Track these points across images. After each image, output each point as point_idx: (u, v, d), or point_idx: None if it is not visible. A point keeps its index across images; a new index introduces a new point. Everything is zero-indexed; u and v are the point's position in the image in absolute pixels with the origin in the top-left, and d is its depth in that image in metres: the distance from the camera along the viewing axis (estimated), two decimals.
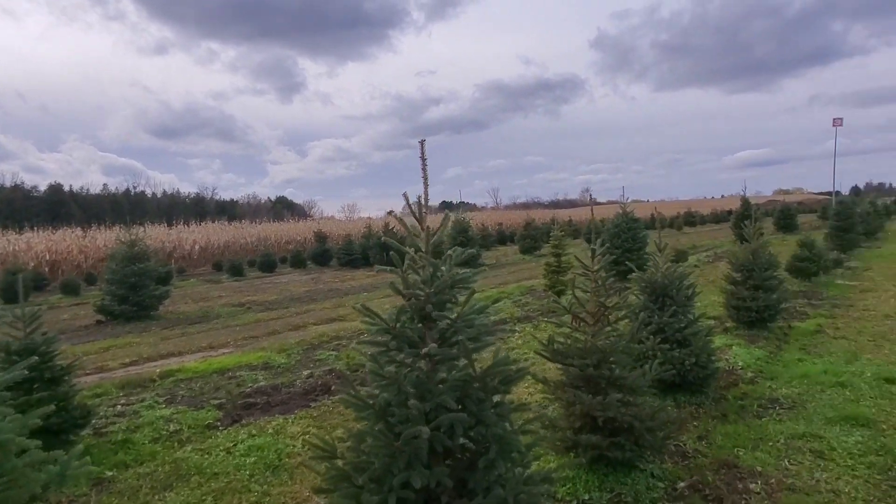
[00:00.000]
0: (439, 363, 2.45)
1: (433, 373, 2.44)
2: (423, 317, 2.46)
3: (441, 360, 2.45)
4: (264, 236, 37.15)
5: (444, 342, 2.48)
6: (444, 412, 2.34)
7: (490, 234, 36.54)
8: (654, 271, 5.36)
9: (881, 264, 15.19)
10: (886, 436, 4.40)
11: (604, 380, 3.67)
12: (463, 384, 2.41)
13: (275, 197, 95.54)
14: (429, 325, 2.48)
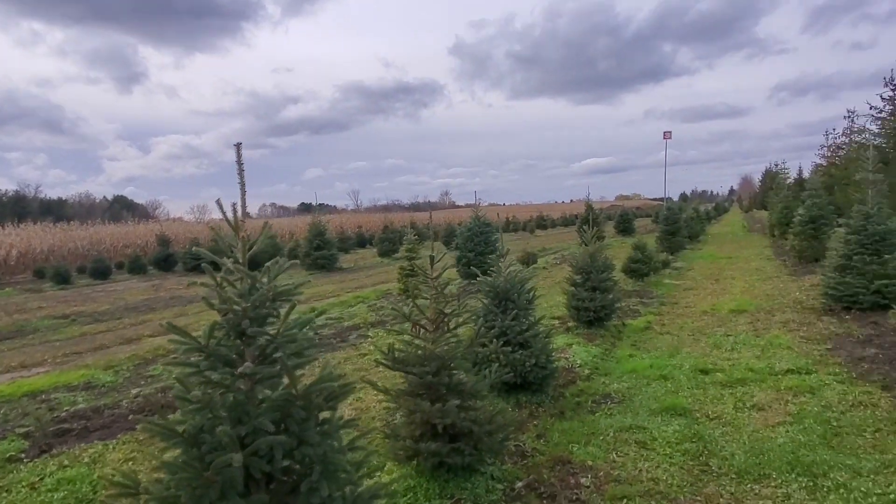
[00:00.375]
0: (259, 382, 2.27)
1: (252, 393, 2.25)
2: (240, 333, 2.27)
3: (261, 378, 2.27)
4: (98, 240, 33.80)
5: (265, 359, 2.31)
6: (262, 435, 2.16)
7: (349, 236, 36.10)
8: (497, 276, 5.49)
9: (702, 264, 16.93)
10: (700, 423, 4.83)
11: (443, 386, 3.67)
12: (284, 404, 2.25)
13: (112, 196, 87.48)
14: (247, 342, 2.29)
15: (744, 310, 9.49)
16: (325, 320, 10.58)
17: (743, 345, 7.28)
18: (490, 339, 5.33)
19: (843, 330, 7.64)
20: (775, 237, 24.53)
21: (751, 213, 67.57)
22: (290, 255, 25.53)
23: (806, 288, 11.24)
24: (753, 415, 4.97)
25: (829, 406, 4.98)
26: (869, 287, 8.35)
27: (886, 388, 5.33)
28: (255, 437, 2.17)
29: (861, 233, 8.65)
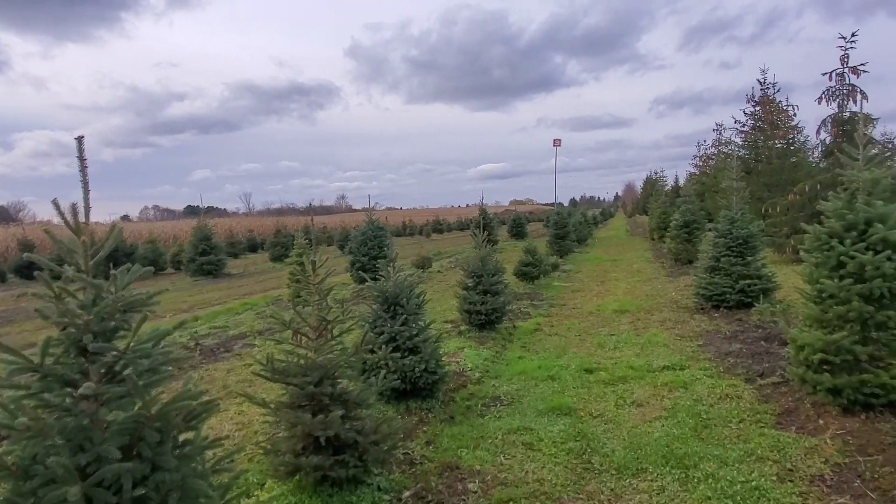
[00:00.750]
0: (105, 404, 2.03)
1: (97, 416, 2.01)
2: (81, 349, 2.02)
3: (108, 399, 2.03)
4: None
5: (113, 378, 2.07)
6: (108, 463, 1.93)
7: (239, 241, 34.68)
8: (386, 281, 5.39)
9: (589, 267, 17.69)
10: (583, 422, 4.96)
11: (326, 397, 3.51)
12: (135, 426, 2.03)
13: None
14: (91, 359, 2.04)
15: (626, 310, 9.96)
16: (208, 329, 10.00)
17: (625, 343, 7.61)
18: (379, 346, 5.21)
19: (712, 327, 8.18)
20: (655, 241, 26.11)
21: (633, 218, 71.74)
22: (173, 261, 24.11)
23: (681, 288, 11.99)
24: (633, 411, 5.17)
25: (699, 399, 5.28)
26: (734, 287, 9.01)
27: (749, 380, 5.74)
28: (100, 466, 1.93)
29: (727, 236, 9.33)
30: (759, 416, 4.80)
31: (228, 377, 6.89)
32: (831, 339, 4.41)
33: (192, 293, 16.37)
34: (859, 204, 4.59)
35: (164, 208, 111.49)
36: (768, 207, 16.51)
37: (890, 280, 4.31)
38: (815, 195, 15.67)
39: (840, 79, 15.60)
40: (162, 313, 12.59)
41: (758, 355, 6.55)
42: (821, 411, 4.71)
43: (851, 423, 4.43)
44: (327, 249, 36.43)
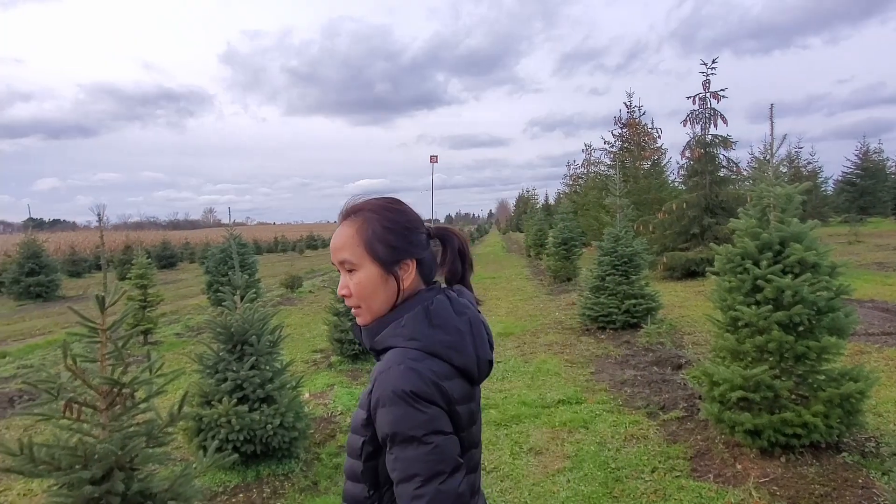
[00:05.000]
0: None
1: None
2: None
3: None
4: None
5: None
6: None
7: (84, 258, 30.94)
8: (231, 313, 4.26)
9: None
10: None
11: (117, 497, 2.38)
12: None
13: None
14: None
15: (511, 332, 9.36)
16: (15, 370, 8.13)
17: (513, 373, 6.93)
18: (220, 397, 4.08)
19: (601, 351, 7.73)
20: (531, 257, 26.35)
21: (508, 234, 73.62)
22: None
23: (563, 307, 11.66)
24: (532, 461, 4.41)
25: (604, 443, 4.63)
26: (620, 307, 8.69)
27: (651, 415, 5.20)
28: None
29: (612, 254, 9.03)
30: (671, 462, 4.20)
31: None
32: (750, 374, 3.90)
33: (11, 321, 13.86)
34: (773, 222, 4.15)
35: (0, 221, 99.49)
36: (639, 225, 16.90)
37: (809, 306, 3.88)
38: (682, 214, 16.28)
39: (703, 103, 16.33)
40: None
41: (654, 384, 6.09)
42: (736, 453, 4.20)
43: (772, 468, 3.93)
44: (189, 267, 33.54)
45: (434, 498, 1.13)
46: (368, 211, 1.31)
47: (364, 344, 1.35)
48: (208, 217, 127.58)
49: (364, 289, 1.27)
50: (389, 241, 1.28)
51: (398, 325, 1.26)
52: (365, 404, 1.25)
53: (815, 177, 32.47)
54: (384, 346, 1.27)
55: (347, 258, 1.27)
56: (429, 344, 1.23)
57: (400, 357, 1.22)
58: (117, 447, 2.41)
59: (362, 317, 1.31)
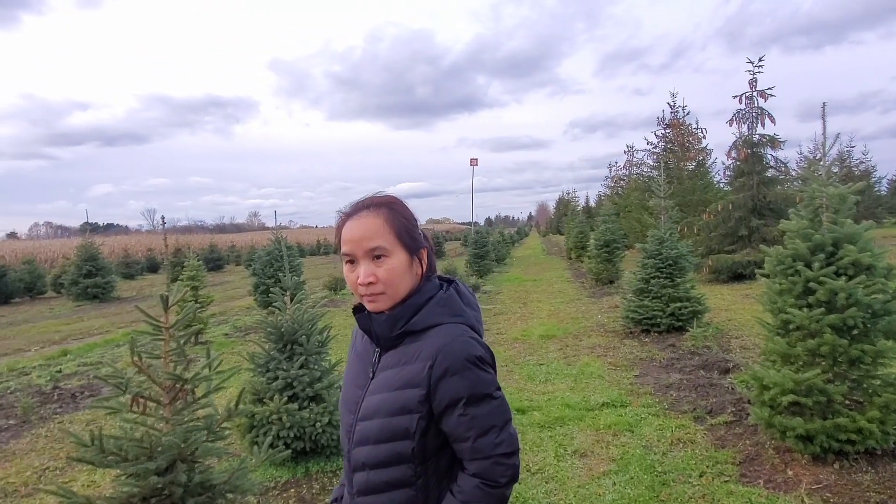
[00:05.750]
0: None
1: None
2: None
3: None
4: None
5: None
6: None
7: (136, 260, 32.03)
8: (282, 314, 4.39)
9: (510, 287, 17.14)
10: (521, 481, 4.13)
11: (180, 488, 2.49)
12: None
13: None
14: None
15: (553, 335, 9.33)
16: (76, 367, 8.51)
17: (556, 375, 6.91)
18: (271, 395, 4.21)
19: (645, 354, 7.64)
20: (572, 260, 26.13)
21: (548, 237, 73.13)
22: (55, 283, 21.68)
23: (606, 310, 11.55)
24: (576, 463, 4.41)
25: (649, 447, 4.59)
26: (665, 310, 8.57)
27: (698, 419, 5.13)
28: None
29: (656, 257, 8.91)
30: (719, 467, 4.15)
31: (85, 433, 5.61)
32: (802, 377, 3.82)
33: (70, 321, 14.47)
34: (826, 223, 4.06)
35: (59, 225, 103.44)
36: (683, 227, 16.60)
37: (864, 309, 3.79)
38: (728, 215, 15.92)
39: (749, 102, 15.97)
40: (26, 346, 10.86)
41: (701, 388, 5.99)
42: (787, 459, 4.11)
43: (825, 474, 3.84)
44: (235, 269, 34.38)
45: (509, 439, 1.35)
46: (393, 204, 1.41)
47: (379, 331, 1.40)
48: (253, 221, 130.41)
49: (395, 275, 1.35)
50: (412, 232, 1.40)
51: (438, 305, 1.39)
52: (421, 382, 1.32)
53: (867, 176, 31.36)
54: (427, 325, 1.36)
55: (381, 245, 1.33)
56: (468, 320, 1.40)
57: (458, 330, 1.36)
58: (180, 440, 2.53)
59: (381, 303, 1.37)
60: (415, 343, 1.37)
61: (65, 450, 5.17)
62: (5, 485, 4.52)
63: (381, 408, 1.37)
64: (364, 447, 1.39)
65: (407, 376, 1.35)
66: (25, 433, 5.77)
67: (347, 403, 1.49)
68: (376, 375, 1.43)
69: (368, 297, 1.37)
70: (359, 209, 1.40)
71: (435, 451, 1.37)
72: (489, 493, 1.34)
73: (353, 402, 1.46)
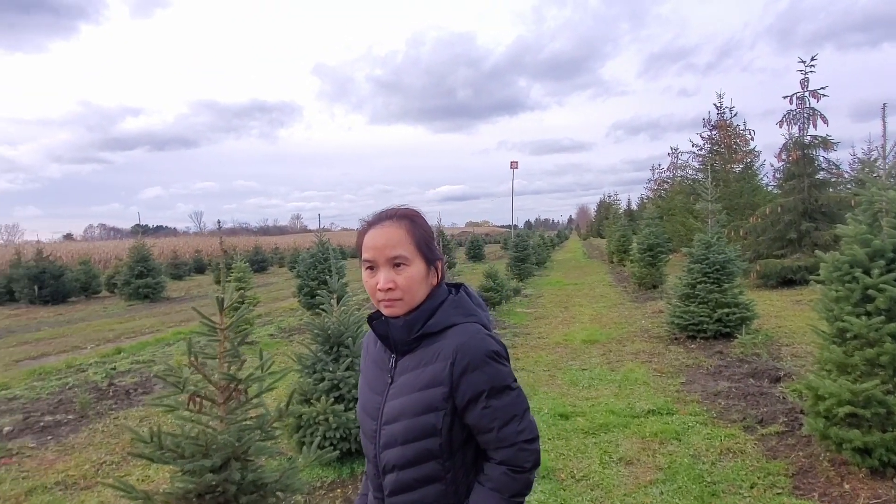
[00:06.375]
0: None
1: None
2: None
3: None
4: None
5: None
6: None
7: (185, 262, 32.95)
8: (329, 316, 4.46)
9: (551, 291, 17.01)
10: (566, 488, 4.10)
11: (234, 485, 2.56)
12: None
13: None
14: None
15: (596, 340, 9.22)
16: (129, 364, 8.81)
17: (599, 381, 6.83)
18: (318, 396, 4.28)
19: (692, 361, 7.48)
20: (614, 263, 25.77)
21: (588, 240, 72.26)
22: (109, 283, 22.47)
23: (649, 315, 11.36)
24: (622, 471, 4.35)
25: (698, 456, 4.50)
26: (712, 316, 8.38)
27: (748, 428, 5.00)
28: None
29: (703, 262, 8.72)
30: (771, 479, 4.03)
31: (142, 426, 5.79)
32: (860, 388, 3.69)
33: (123, 320, 14.97)
34: (886, 228, 3.92)
35: (111, 227, 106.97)
36: (730, 231, 16.19)
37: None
38: (777, 218, 15.48)
39: (801, 102, 15.50)
40: (83, 344, 11.29)
41: (751, 396, 5.84)
42: (843, 472, 3.98)
43: (884, 489, 3.70)
44: (278, 271, 35.02)
45: (530, 426, 1.44)
46: (415, 217, 1.50)
47: (397, 336, 1.46)
48: (295, 223, 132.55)
49: (413, 282, 1.42)
50: (430, 243, 1.48)
51: (451, 307, 1.47)
52: (443, 380, 1.39)
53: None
54: (444, 326, 1.44)
55: (402, 254, 1.42)
56: (481, 319, 1.50)
57: (474, 328, 1.45)
58: (234, 438, 2.60)
59: (398, 308, 1.44)
60: (433, 344, 1.44)
61: (120, 445, 5.36)
62: (66, 477, 4.71)
63: (405, 409, 1.43)
64: (392, 449, 1.45)
65: (429, 376, 1.42)
66: (83, 428, 6.00)
67: (368, 410, 1.54)
68: (395, 380, 1.49)
69: (386, 303, 1.44)
70: (382, 219, 1.48)
71: (461, 445, 1.44)
72: (516, 479, 1.41)
73: (374, 407, 1.51)
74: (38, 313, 17.51)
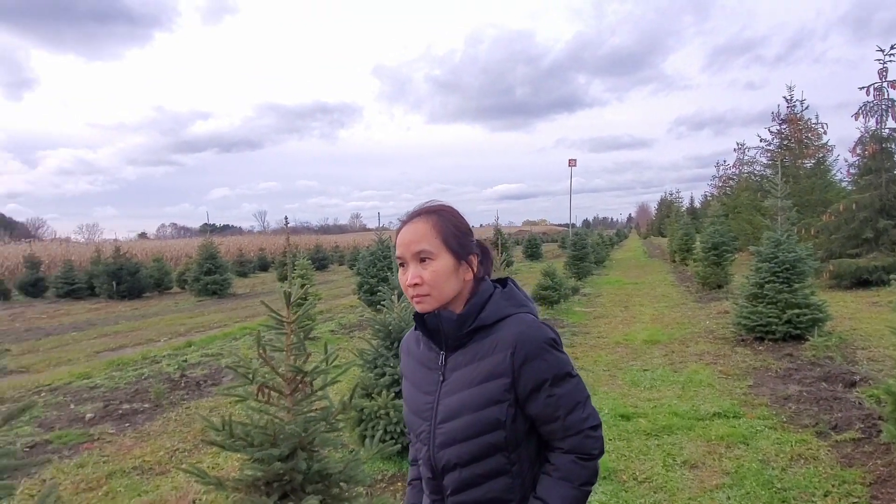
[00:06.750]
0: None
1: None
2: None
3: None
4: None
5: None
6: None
7: (249, 259, 34.05)
8: (389, 312, 4.54)
9: (609, 290, 16.73)
10: (628, 490, 4.04)
11: (300, 475, 2.65)
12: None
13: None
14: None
15: (657, 340, 9.02)
16: (199, 357, 9.19)
17: (662, 382, 6.69)
18: (379, 390, 4.36)
19: (760, 363, 7.22)
20: (676, 263, 25.10)
21: (649, 239, 70.62)
22: (179, 280, 23.47)
23: (714, 315, 11.02)
24: (686, 474, 4.25)
25: (767, 461, 4.34)
26: (781, 317, 8.06)
27: (821, 434, 4.79)
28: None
29: (772, 261, 8.40)
30: (846, 487, 3.86)
31: (213, 416, 6.04)
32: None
33: (193, 314, 15.62)
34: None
35: (182, 226, 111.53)
36: (801, 229, 15.51)
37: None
38: (852, 216, 14.72)
39: (878, 93, 14.68)
40: (157, 337, 11.84)
41: (823, 401, 5.59)
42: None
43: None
44: (338, 269, 35.74)
45: (593, 413, 1.44)
46: (442, 211, 1.48)
47: (449, 330, 1.44)
48: (354, 222, 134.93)
49: (439, 277, 1.40)
50: (460, 238, 1.45)
51: (503, 299, 1.46)
52: (504, 371, 1.38)
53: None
54: (498, 318, 1.42)
55: (426, 248, 1.39)
56: (532, 310, 1.48)
57: (529, 318, 1.44)
58: (300, 429, 2.68)
59: (427, 304, 1.41)
60: (487, 337, 1.43)
61: (192, 433, 5.61)
62: (142, 462, 4.97)
63: (465, 405, 1.41)
64: (451, 448, 1.43)
65: (487, 369, 1.40)
66: (158, 416, 6.31)
67: (418, 411, 1.52)
68: (447, 377, 1.47)
69: (416, 299, 1.42)
70: (412, 216, 1.47)
71: (524, 437, 1.42)
72: (584, 466, 1.41)
73: (425, 408, 1.49)
74: (116, 308, 18.46)
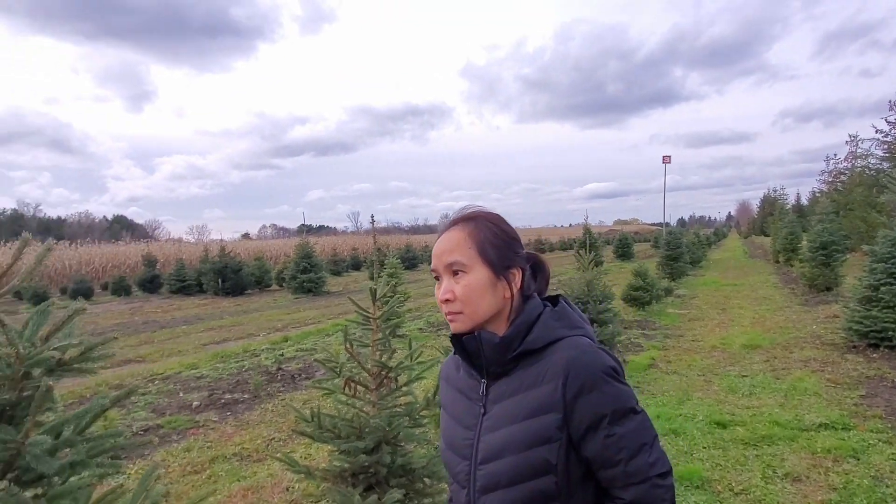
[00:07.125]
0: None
1: None
2: None
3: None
4: (87, 260, 33.00)
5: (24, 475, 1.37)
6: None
7: (342, 258, 35.21)
8: None
9: (706, 291, 16.00)
10: (722, 500, 3.86)
11: (384, 468, 2.72)
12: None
13: (112, 216, 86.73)
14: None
15: (757, 345, 8.54)
16: (295, 352, 9.62)
17: (762, 389, 6.33)
18: None
19: (874, 372, 6.68)
20: (780, 263, 23.65)
21: (750, 238, 66.91)
22: (278, 278, 24.64)
23: (822, 320, 10.29)
24: (788, 488, 4.00)
25: (880, 478, 4.02)
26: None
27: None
28: None
29: (889, 261, 7.74)
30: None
31: (305, 409, 6.32)
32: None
33: (290, 311, 16.35)
34: None
35: (281, 227, 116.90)
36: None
37: None
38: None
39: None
40: (256, 332, 12.49)
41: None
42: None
43: None
44: (428, 269, 36.21)
45: (662, 457, 1.20)
46: (481, 218, 1.29)
47: (491, 356, 1.25)
48: (444, 222, 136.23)
49: (472, 291, 1.23)
50: (501, 248, 1.27)
51: (553, 319, 1.26)
52: (555, 405, 1.18)
53: None
54: (548, 341, 1.23)
55: (458, 259, 1.23)
56: (588, 332, 1.28)
57: (584, 342, 1.23)
58: (385, 423, 2.76)
59: (460, 323, 1.25)
60: (535, 364, 1.23)
61: (287, 423, 5.88)
62: (242, 449, 5.27)
63: (509, 444, 1.21)
64: (494, 493, 1.23)
65: (535, 402, 1.20)
66: (256, 406, 6.66)
67: (456, 448, 1.32)
68: (489, 410, 1.27)
69: (449, 317, 1.26)
70: (449, 224, 1.31)
71: (579, 483, 1.20)
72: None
73: (465, 445, 1.29)
74: (220, 303, 19.65)
